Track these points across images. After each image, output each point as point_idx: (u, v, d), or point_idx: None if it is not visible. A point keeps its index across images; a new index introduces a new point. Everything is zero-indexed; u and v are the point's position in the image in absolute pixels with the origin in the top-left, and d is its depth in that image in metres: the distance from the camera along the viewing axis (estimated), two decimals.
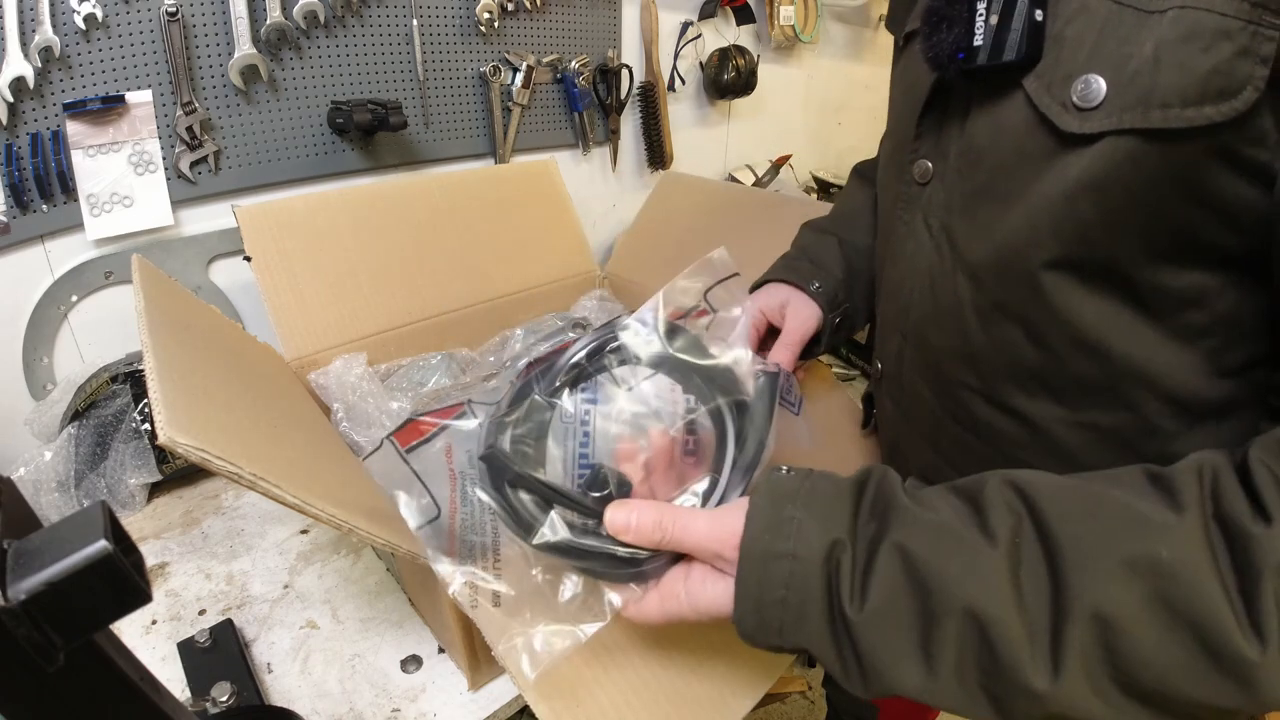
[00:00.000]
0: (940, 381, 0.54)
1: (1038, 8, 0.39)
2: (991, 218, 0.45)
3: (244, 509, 0.76)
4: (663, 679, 0.47)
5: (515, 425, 0.42)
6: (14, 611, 0.20)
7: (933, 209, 0.50)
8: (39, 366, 0.79)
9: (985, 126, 0.45)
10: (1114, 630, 0.30)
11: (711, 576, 0.39)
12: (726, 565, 0.38)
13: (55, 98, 0.71)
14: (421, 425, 0.43)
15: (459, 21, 0.96)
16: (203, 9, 0.76)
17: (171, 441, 0.34)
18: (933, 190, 0.50)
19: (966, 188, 0.47)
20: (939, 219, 0.50)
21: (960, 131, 0.47)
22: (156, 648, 0.59)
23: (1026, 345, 0.48)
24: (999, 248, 0.45)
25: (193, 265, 0.85)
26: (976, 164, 0.46)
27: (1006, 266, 0.45)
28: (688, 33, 1.25)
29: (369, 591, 0.66)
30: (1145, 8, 0.36)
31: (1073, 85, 0.38)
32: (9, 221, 0.72)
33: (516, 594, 0.40)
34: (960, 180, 0.47)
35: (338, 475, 0.51)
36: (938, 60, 0.44)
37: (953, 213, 0.48)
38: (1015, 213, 0.43)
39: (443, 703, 0.56)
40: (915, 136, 0.50)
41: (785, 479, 0.38)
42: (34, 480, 0.69)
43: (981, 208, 0.46)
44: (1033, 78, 0.40)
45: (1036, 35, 0.40)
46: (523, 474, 0.40)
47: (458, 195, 0.90)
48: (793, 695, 1.52)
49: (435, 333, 0.85)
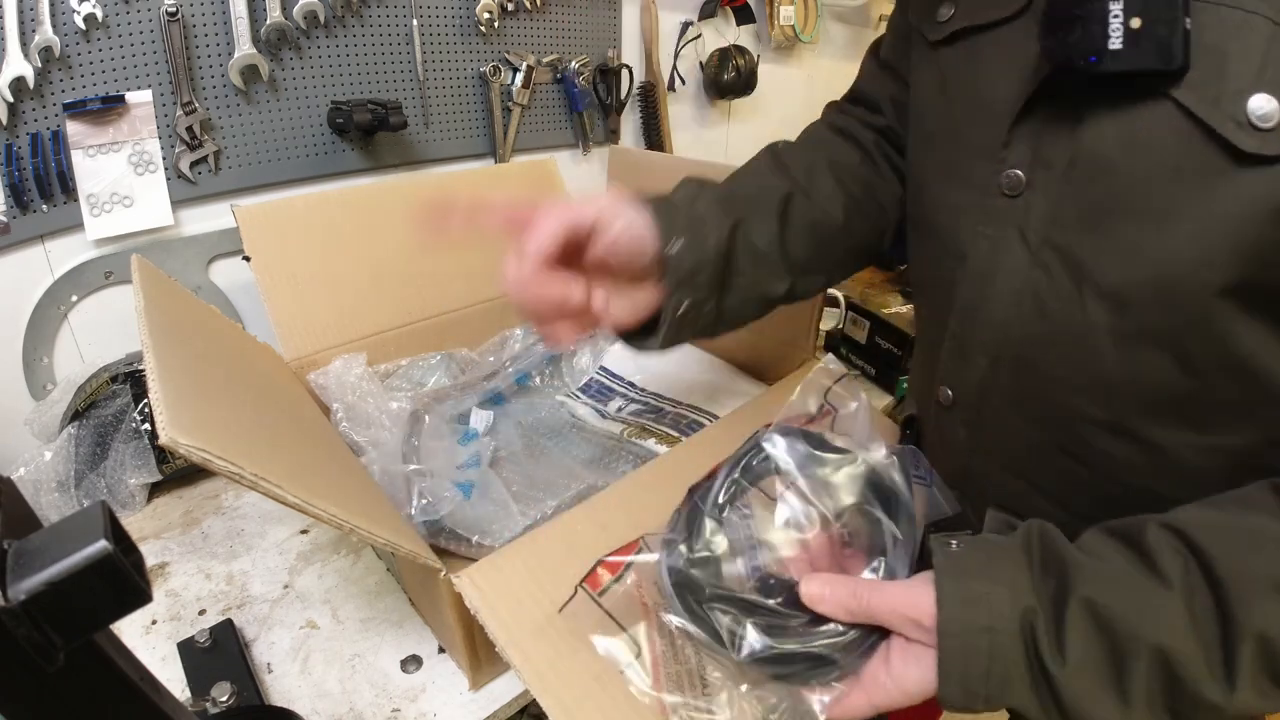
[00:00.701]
0: (1048, 411, 0.50)
1: (1186, 15, 0.37)
2: (1137, 237, 0.42)
3: (244, 509, 0.76)
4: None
5: (691, 550, 0.43)
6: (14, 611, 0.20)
7: (1031, 224, 0.46)
8: (39, 366, 0.79)
9: (1114, 137, 0.41)
10: (1274, 645, 0.35)
11: (912, 654, 0.41)
12: (924, 635, 0.40)
13: (55, 98, 0.71)
14: (608, 565, 0.45)
15: (459, 21, 0.96)
16: (203, 9, 0.76)
17: (173, 442, 0.34)
18: (1030, 203, 0.46)
19: (1085, 202, 0.43)
20: (1043, 234, 0.46)
21: (1071, 140, 0.43)
22: (156, 648, 0.59)
23: (1175, 373, 0.44)
24: (1156, 270, 0.42)
25: (193, 265, 0.85)
26: (1104, 177, 0.42)
27: (1169, 291, 0.42)
28: (688, 33, 1.25)
29: (369, 591, 0.66)
30: None
31: (1246, 103, 0.36)
32: (9, 221, 0.72)
33: (731, 715, 0.43)
34: (1075, 194, 0.44)
35: (338, 475, 0.51)
36: (1066, 62, 0.40)
37: (1068, 229, 0.45)
38: (1177, 233, 0.40)
39: (443, 703, 0.56)
40: (1004, 144, 0.46)
41: (960, 553, 0.41)
42: (34, 480, 0.69)
43: (1119, 225, 0.42)
44: (1186, 89, 0.38)
45: (1187, 44, 0.37)
46: (718, 590, 0.42)
47: (458, 195, 0.90)
48: None
49: (435, 333, 0.85)
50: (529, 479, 0.70)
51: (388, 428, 0.69)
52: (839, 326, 1.13)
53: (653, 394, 0.85)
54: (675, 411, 0.81)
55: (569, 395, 0.87)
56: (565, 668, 0.44)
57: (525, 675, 0.43)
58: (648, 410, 0.82)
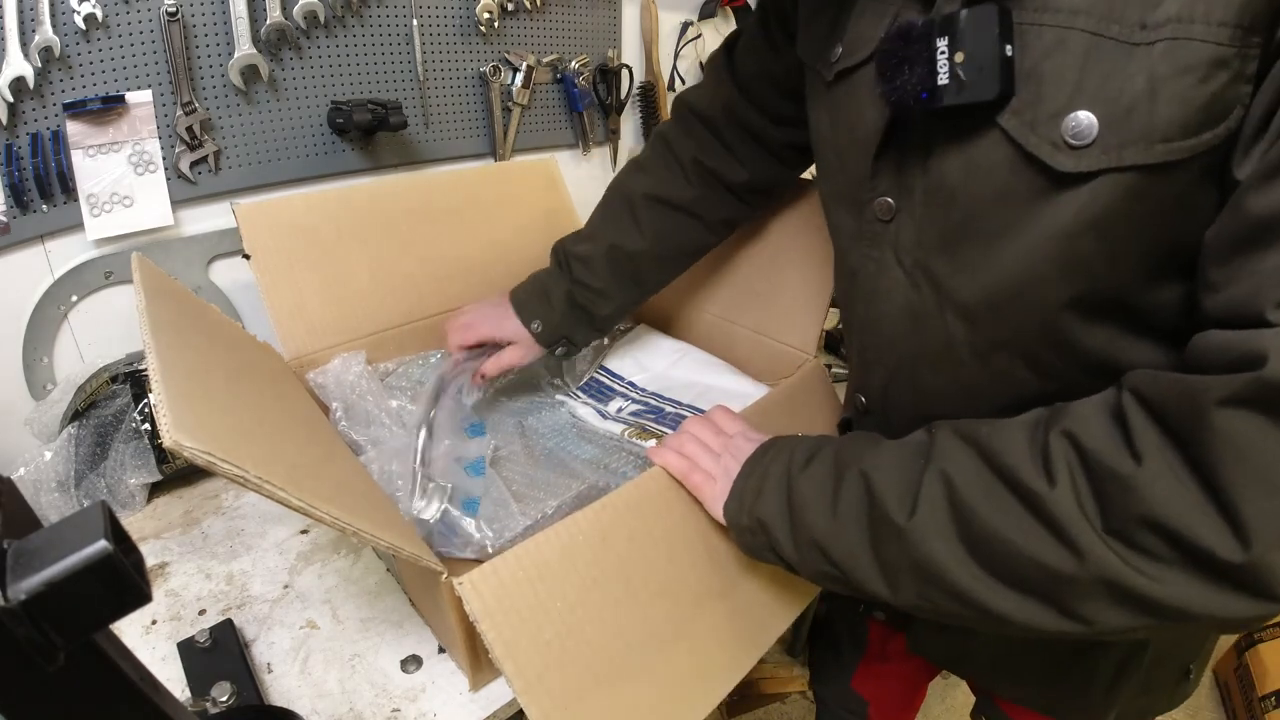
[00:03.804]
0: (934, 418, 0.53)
1: (1006, 43, 0.38)
2: (977, 257, 0.45)
3: (244, 509, 0.76)
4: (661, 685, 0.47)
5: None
6: (14, 611, 0.20)
7: (903, 246, 0.49)
8: (39, 366, 0.79)
9: (955, 165, 0.44)
10: (953, 486, 0.42)
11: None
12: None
13: (55, 98, 0.71)
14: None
15: (459, 21, 0.96)
16: (203, 9, 0.76)
17: (177, 445, 0.34)
18: (900, 227, 0.49)
19: (940, 226, 0.46)
20: (912, 256, 0.49)
21: (923, 169, 0.46)
22: (156, 648, 0.59)
23: (1030, 378, 0.47)
24: (991, 288, 0.45)
25: (193, 265, 0.85)
26: (949, 202, 0.45)
27: (1004, 305, 0.45)
28: (688, 33, 1.25)
29: (369, 591, 0.66)
30: (1130, 40, 0.35)
31: (1063, 123, 0.38)
32: (9, 221, 0.72)
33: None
34: (931, 218, 0.47)
35: (339, 476, 0.51)
36: (901, 103, 0.43)
37: (929, 251, 0.47)
38: (1006, 252, 0.43)
39: (443, 703, 0.56)
40: (871, 174, 0.49)
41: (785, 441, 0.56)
42: (34, 480, 0.69)
43: (963, 247, 0.45)
44: (1010, 115, 0.40)
45: (1009, 71, 0.39)
46: None
47: (458, 195, 0.90)
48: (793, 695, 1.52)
49: (435, 332, 0.85)
50: (529, 479, 0.70)
51: (387, 426, 0.69)
52: (839, 326, 1.13)
53: (653, 394, 0.85)
54: (675, 411, 0.81)
55: (569, 395, 0.87)
56: (555, 678, 0.45)
57: (515, 685, 0.44)
58: (648, 410, 0.82)
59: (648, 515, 0.54)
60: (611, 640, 0.49)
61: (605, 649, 0.49)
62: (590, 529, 0.51)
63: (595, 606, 0.49)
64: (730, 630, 0.57)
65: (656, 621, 0.52)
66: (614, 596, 0.50)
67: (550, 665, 0.46)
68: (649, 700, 0.50)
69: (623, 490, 0.54)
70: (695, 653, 0.54)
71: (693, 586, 0.55)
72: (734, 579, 0.58)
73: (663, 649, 0.52)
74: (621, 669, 0.49)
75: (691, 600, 0.55)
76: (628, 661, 0.49)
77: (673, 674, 0.52)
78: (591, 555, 0.50)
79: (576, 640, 0.47)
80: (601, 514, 0.52)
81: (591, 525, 0.51)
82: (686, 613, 0.54)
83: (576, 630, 0.48)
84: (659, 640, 0.52)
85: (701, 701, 0.53)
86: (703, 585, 0.56)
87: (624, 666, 0.49)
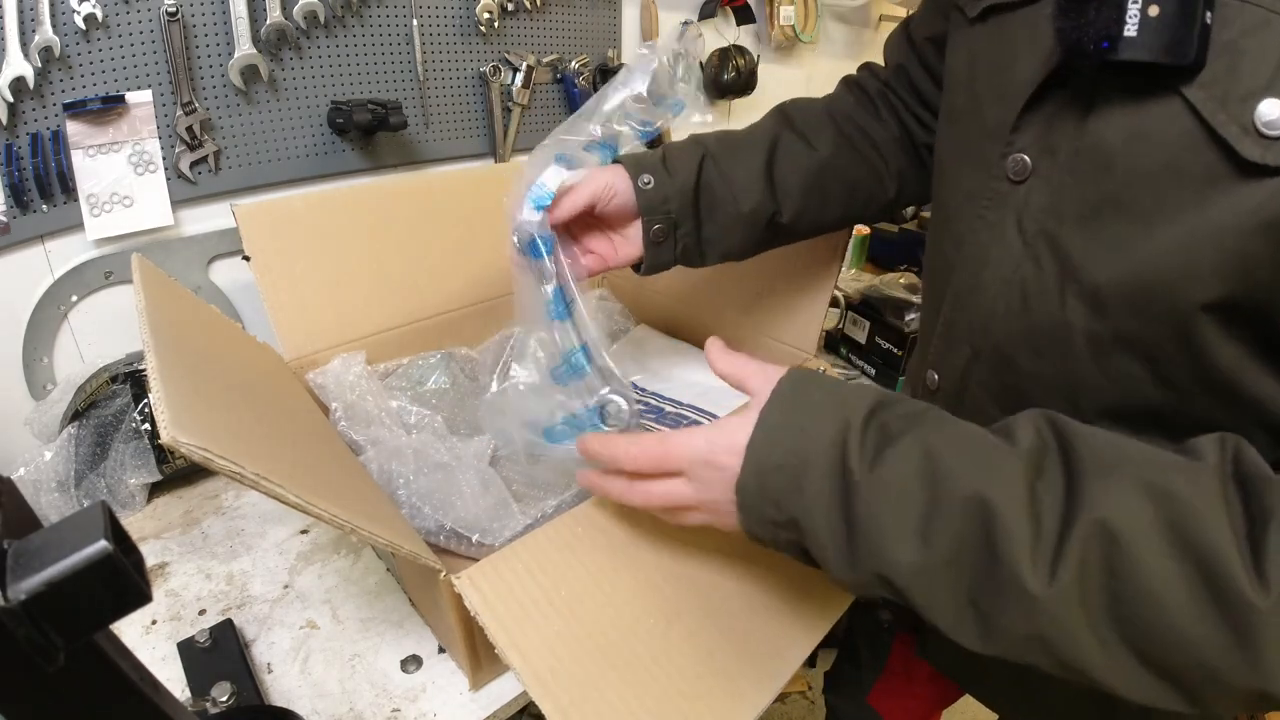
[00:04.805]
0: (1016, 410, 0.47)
1: (1208, 9, 0.34)
2: (1126, 236, 0.40)
3: (244, 509, 0.76)
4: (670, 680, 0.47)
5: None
6: (14, 611, 0.20)
7: (1030, 212, 0.45)
8: (39, 366, 0.79)
9: (1119, 130, 0.39)
10: (1117, 545, 0.30)
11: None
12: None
13: (55, 98, 0.71)
14: None
15: (459, 21, 0.96)
16: (203, 9, 0.76)
17: (175, 441, 0.34)
18: (1031, 190, 0.44)
19: (1084, 195, 0.42)
20: (1038, 224, 0.44)
21: (1079, 129, 0.41)
22: (156, 648, 0.59)
23: (1149, 384, 0.42)
24: (1131, 273, 0.40)
25: (193, 265, 0.85)
26: (1102, 170, 0.40)
27: (1148, 297, 0.40)
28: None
29: (369, 591, 0.66)
30: None
31: (1256, 108, 0.34)
32: (9, 221, 0.72)
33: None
34: (1076, 185, 0.42)
35: (338, 475, 0.51)
36: (1078, 47, 0.38)
37: (1063, 221, 0.43)
38: (1159, 237, 0.38)
39: (443, 703, 0.56)
40: (1013, 127, 0.45)
41: (816, 374, 0.41)
42: (34, 480, 0.69)
43: (1107, 222, 0.41)
44: (1197, 88, 0.36)
45: (1205, 40, 0.35)
46: None
47: (458, 195, 0.90)
48: (793, 695, 1.52)
49: (435, 332, 0.85)
50: (529, 478, 0.70)
51: (387, 426, 0.69)
52: (839, 326, 1.13)
53: (653, 394, 0.85)
54: (675, 411, 0.81)
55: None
56: (565, 671, 0.44)
57: (525, 678, 0.43)
58: (648, 410, 0.82)
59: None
60: (626, 632, 0.48)
61: (619, 641, 0.48)
62: (589, 523, 0.51)
63: (605, 595, 0.48)
64: (748, 625, 0.55)
65: (670, 611, 0.51)
66: (624, 584, 0.50)
67: (561, 657, 0.45)
68: (663, 690, 0.49)
69: None
70: (712, 645, 0.53)
71: (702, 580, 0.54)
72: (748, 567, 0.57)
73: (675, 641, 0.51)
74: (630, 662, 0.49)
75: (703, 591, 0.53)
76: (637, 651, 0.49)
77: (687, 666, 0.51)
78: (593, 547, 0.50)
79: (589, 629, 0.46)
80: (601, 509, 0.52)
81: (591, 519, 0.51)
82: (703, 603, 0.52)
83: (588, 620, 0.47)
84: (672, 631, 0.50)
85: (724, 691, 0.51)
86: (713, 578, 0.55)
87: (634, 657, 0.49)
